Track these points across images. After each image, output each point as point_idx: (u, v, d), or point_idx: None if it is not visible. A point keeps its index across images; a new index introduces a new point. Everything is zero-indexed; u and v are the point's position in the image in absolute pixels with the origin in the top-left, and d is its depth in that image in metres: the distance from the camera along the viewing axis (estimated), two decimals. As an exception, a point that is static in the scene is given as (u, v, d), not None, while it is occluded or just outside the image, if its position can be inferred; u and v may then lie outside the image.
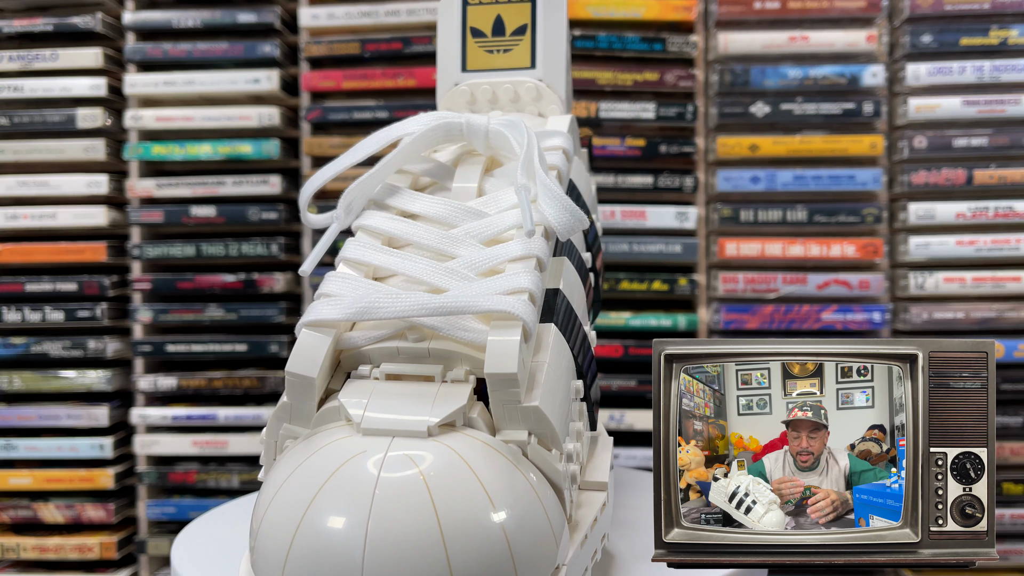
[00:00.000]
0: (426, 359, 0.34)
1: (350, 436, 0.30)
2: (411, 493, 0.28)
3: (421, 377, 0.33)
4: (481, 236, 0.36)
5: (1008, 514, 0.77)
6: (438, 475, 0.29)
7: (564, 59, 0.46)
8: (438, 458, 0.29)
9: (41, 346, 0.82)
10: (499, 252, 0.35)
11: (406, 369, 0.33)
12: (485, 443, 0.31)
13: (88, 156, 0.82)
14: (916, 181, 0.78)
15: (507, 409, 0.32)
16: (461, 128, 0.39)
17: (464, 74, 0.44)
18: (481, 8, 0.44)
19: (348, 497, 0.28)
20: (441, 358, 0.34)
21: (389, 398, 0.32)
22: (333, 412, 0.33)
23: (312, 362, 0.32)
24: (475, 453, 0.30)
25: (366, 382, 0.33)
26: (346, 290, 0.34)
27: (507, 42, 0.45)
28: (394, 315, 0.33)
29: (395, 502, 0.28)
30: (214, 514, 0.51)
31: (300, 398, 0.32)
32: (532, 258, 0.35)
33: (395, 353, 0.34)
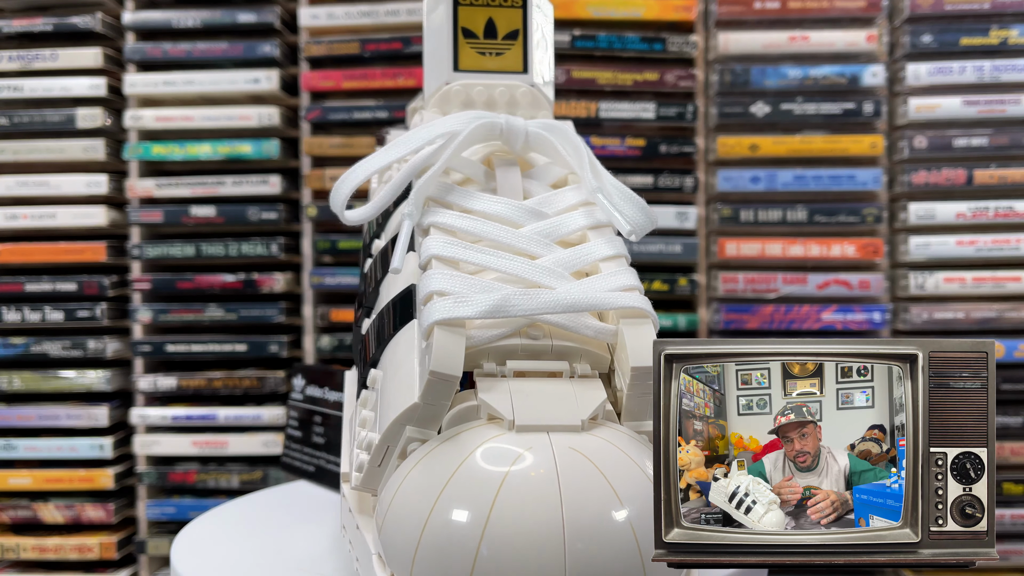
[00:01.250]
0: (547, 355, 0.34)
1: (504, 433, 0.31)
2: (592, 484, 0.29)
3: (547, 373, 0.34)
4: (552, 236, 0.36)
5: (1008, 514, 0.77)
6: (606, 465, 0.30)
7: (552, 66, 0.47)
8: (600, 449, 0.30)
9: (41, 346, 0.82)
10: (588, 252, 0.36)
11: (534, 366, 0.34)
12: (628, 434, 0.32)
13: (88, 156, 0.82)
14: (916, 181, 0.78)
15: (644, 401, 0.33)
16: (500, 128, 0.39)
17: (456, 74, 0.44)
18: (473, 9, 0.44)
19: (535, 492, 0.28)
20: (562, 354, 0.34)
21: (531, 395, 0.32)
22: (470, 411, 0.32)
23: (455, 361, 0.31)
24: (626, 443, 0.31)
25: (498, 380, 0.33)
26: (462, 288, 0.33)
27: (499, 45, 0.45)
28: (528, 312, 0.33)
29: (580, 493, 0.29)
30: (214, 514, 0.51)
31: (437, 398, 0.32)
32: (622, 257, 0.36)
33: (515, 350, 0.34)
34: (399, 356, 0.35)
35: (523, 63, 0.45)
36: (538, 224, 0.37)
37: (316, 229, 0.83)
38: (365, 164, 0.39)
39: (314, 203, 0.82)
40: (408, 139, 0.39)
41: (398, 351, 0.35)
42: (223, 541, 0.46)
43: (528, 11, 0.45)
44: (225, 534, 0.47)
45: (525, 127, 0.39)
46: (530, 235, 0.36)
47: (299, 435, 0.58)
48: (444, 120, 0.39)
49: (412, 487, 0.30)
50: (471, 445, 0.30)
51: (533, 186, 0.40)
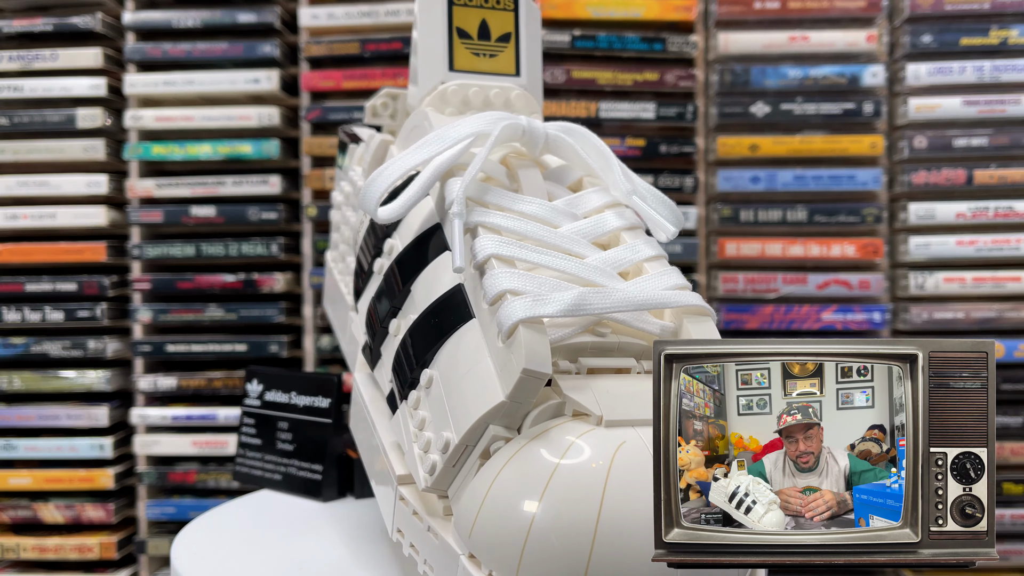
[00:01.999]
0: (615, 352, 0.35)
1: (594, 429, 0.31)
2: None
3: (616, 369, 0.34)
4: (589, 236, 0.37)
5: (1008, 514, 0.77)
6: None
7: (541, 68, 0.47)
8: None
9: (41, 346, 0.82)
10: (634, 252, 0.37)
11: (605, 363, 0.34)
12: None
13: (88, 156, 0.82)
14: (916, 181, 0.78)
15: None
16: (522, 130, 0.39)
17: (451, 73, 0.44)
18: (467, 10, 0.45)
19: (639, 483, 0.29)
20: (627, 351, 0.35)
21: (613, 391, 0.33)
22: (554, 408, 0.33)
23: (545, 359, 0.32)
24: None
25: (578, 377, 0.34)
26: (534, 287, 0.34)
27: (493, 47, 0.45)
28: (602, 311, 0.34)
29: None
30: (214, 514, 0.51)
31: (526, 396, 0.32)
32: (664, 257, 0.37)
33: (585, 348, 0.35)
34: (466, 355, 0.35)
35: (516, 66, 0.46)
36: (574, 224, 0.37)
37: (316, 229, 0.83)
38: (397, 163, 0.39)
39: (314, 203, 0.82)
40: (437, 138, 0.39)
41: (461, 350, 0.35)
42: (223, 541, 0.46)
43: (519, 14, 0.45)
44: (225, 534, 0.47)
45: (544, 129, 0.40)
46: (570, 235, 0.37)
47: (257, 443, 0.57)
48: (469, 120, 0.39)
49: (509, 485, 0.30)
50: (566, 441, 0.31)
51: (552, 188, 0.40)
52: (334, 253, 0.56)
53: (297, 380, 0.56)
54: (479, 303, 0.35)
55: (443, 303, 0.37)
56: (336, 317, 0.54)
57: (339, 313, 0.53)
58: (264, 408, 0.57)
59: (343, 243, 0.53)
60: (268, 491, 0.56)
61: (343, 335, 0.52)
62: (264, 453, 0.56)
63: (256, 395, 0.57)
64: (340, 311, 0.52)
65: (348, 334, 0.50)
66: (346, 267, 0.51)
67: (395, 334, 0.40)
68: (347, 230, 0.51)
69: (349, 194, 0.52)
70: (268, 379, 0.57)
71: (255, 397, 0.57)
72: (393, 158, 0.39)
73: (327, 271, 0.56)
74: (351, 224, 0.50)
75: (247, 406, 0.58)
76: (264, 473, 0.56)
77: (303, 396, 0.55)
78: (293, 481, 0.55)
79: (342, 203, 0.54)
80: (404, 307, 0.40)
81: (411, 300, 0.39)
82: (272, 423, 0.56)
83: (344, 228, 0.52)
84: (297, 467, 0.54)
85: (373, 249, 0.44)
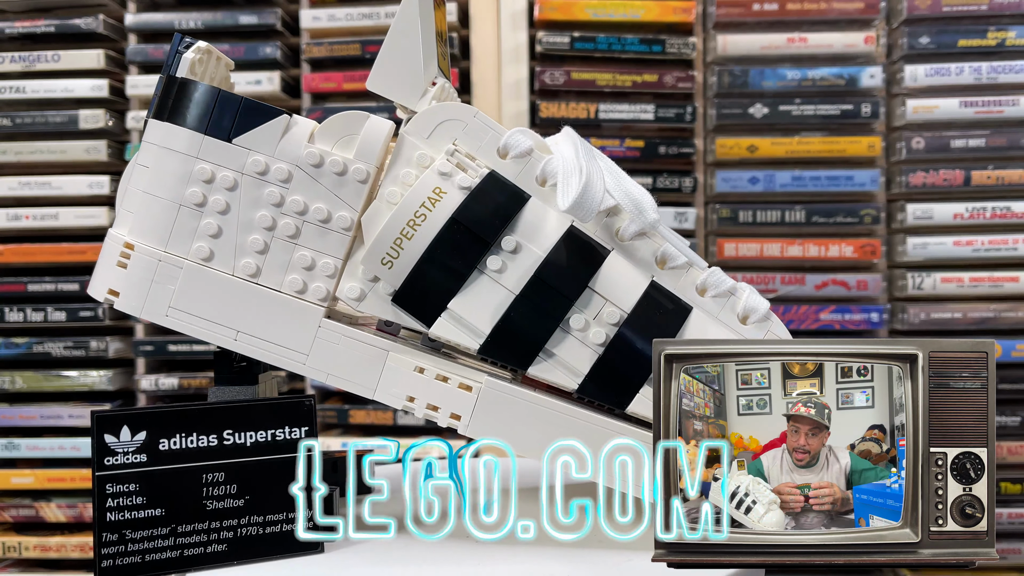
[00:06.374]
0: None
1: None
2: None
3: None
4: None
5: (1007, 513, 0.78)
6: None
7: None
8: None
9: (43, 346, 0.82)
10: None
11: None
12: None
13: (90, 157, 0.82)
14: (914, 182, 0.78)
15: None
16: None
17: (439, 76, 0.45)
18: (439, 13, 0.45)
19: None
20: None
21: None
22: None
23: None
24: None
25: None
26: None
27: (446, 49, 0.46)
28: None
29: None
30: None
31: None
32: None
33: None
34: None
35: (448, 65, 0.47)
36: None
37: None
38: (585, 166, 0.38)
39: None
40: (561, 156, 0.40)
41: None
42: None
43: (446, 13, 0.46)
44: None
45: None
46: None
47: (157, 513, 0.37)
48: (575, 137, 0.40)
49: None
50: None
51: None
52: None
53: (241, 412, 0.39)
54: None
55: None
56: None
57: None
58: (165, 462, 0.38)
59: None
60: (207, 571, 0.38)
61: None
62: (177, 524, 0.37)
63: (130, 449, 0.38)
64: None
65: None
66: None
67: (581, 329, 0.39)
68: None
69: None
70: (147, 421, 0.38)
71: (129, 449, 0.38)
72: (577, 164, 0.38)
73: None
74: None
75: (115, 468, 0.37)
76: (183, 551, 0.37)
77: (260, 431, 0.39)
78: (251, 543, 0.38)
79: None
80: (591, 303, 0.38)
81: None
82: (189, 478, 0.38)
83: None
84: (267, 522, 0.38)
85: (468, 250, 0.39)
